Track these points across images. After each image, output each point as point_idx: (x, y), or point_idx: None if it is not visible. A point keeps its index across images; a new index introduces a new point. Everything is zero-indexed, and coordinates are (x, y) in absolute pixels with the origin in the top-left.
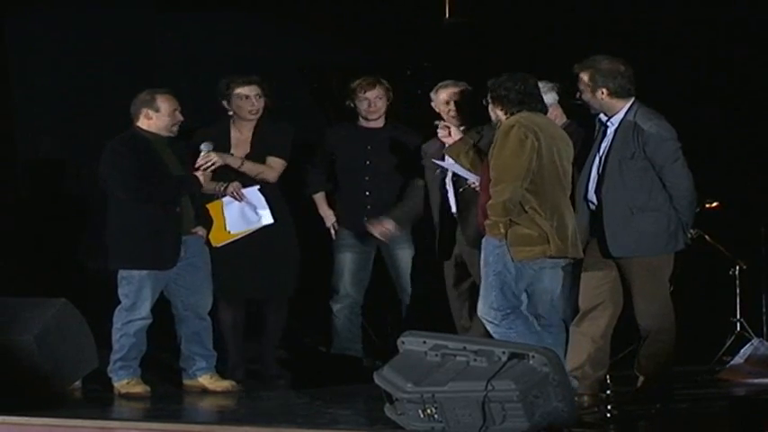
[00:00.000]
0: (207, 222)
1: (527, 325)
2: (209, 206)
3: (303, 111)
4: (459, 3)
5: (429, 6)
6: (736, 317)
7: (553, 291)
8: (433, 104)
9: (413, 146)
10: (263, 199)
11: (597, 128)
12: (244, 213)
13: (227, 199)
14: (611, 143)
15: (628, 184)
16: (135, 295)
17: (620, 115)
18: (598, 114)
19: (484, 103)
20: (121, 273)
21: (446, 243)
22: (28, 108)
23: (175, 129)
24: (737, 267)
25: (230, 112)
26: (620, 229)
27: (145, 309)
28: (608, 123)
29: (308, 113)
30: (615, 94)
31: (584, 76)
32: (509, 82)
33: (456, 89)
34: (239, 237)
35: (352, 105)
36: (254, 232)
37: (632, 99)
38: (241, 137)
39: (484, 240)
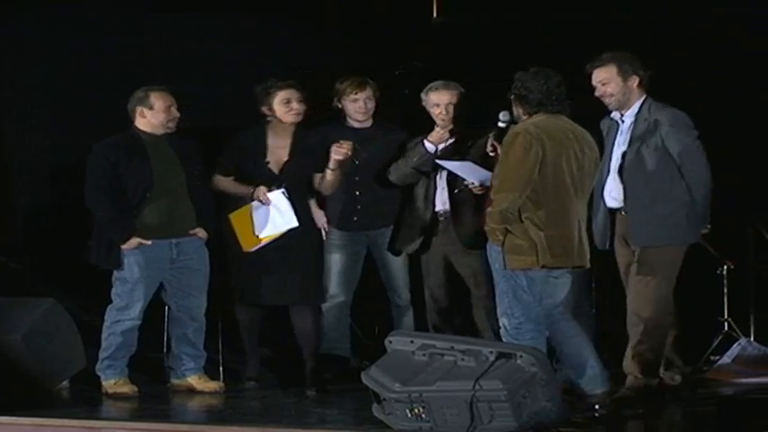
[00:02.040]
0: (210, 224)
1: (533, 339)
2: (237, 212)
3: None
4: (447, 2)
5: (417, 6)
6: (723, 316)
7: (556, 297)
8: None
9: (401, 144)
10: (287, 202)
11: (607, 128)
12: (271, 217)
13: (255, 203)
14: (631, 136)
15: (649, 174)
16: (127, 296)
17: (635, 109)
18: (610, 113)
19: (508, 96)
20: (115, 273)
21: (430, 241)
22: (20, 108)
23: (172, 125)
24: (725, 267)
25: (269, 118)
26: (643, 218)
27: (135, 310)
28: (621, 120)
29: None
30: (643, 83)
31: (612, 67)
32: (532, 81)
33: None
34: (269, 241)
35: (339, 106)
36: (278, 237)
37: (645, 94)
38: (280, 142)
39: (488, 246)
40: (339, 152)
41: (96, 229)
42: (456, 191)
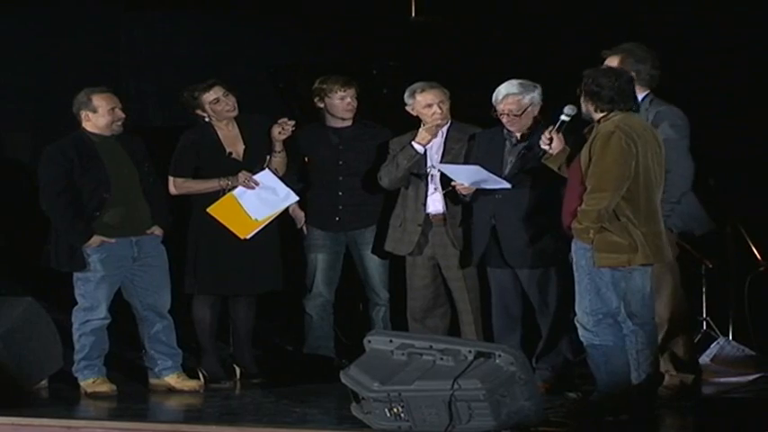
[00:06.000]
0: (165, 222)
1: (614, 334)
2: (217, 205)
3: (271, 111)
4: (424, 2)
5: (395, 5)
6: (702, 316)
7: (644, 289)
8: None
9: (379, 145)
10: (277, 179)
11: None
12: (263, 198)
13: (238, 191)
14: None
15: None
16: (92, 296)
17: None
18: None
19: (577, 92)
20: (76, 274)
21: (424, 242)
22: None
23: (117, 126)
24: (704, 266)
25: (206, 118)
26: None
27: (102, 309)
28: None
29: (276, 114)
30: (639, 81)
31: (615, 58)
32: (603, 78)
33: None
34: (268, 222)
35: (321, 105)
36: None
37: (648, 90)
38: (229, 134)
39: (573, 244)
40: (284, 133)
41: (54, 233)
42: (445, 192)
